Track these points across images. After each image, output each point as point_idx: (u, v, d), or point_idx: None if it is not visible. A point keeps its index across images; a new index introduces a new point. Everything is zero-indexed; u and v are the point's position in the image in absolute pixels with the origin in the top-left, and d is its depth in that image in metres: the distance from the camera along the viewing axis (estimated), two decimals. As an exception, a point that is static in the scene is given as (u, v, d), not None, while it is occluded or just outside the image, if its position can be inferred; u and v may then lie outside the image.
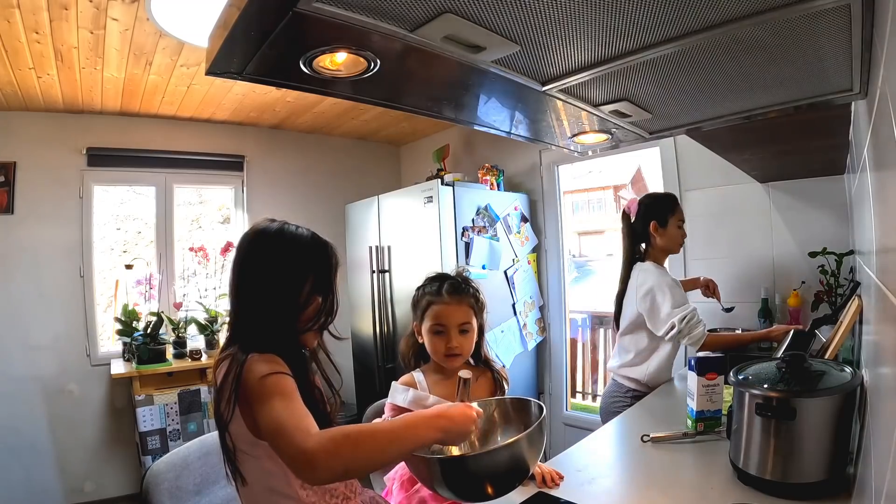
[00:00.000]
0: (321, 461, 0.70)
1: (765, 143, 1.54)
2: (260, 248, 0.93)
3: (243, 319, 0.93)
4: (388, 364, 3.08)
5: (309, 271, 0.93)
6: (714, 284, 2.10)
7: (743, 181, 2.20)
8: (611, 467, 1.08)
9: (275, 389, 0.79)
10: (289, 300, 0.91)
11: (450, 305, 1.21)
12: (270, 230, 0.95)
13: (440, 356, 1.21)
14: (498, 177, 3.17)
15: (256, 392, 0.80)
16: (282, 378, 0.82)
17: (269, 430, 0.76)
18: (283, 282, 0.91)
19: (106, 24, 1.98)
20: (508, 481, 0.83)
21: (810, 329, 1.35)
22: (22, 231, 2.84)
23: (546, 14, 0.67)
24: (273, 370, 0.82)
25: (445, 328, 1.20)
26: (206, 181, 3.48)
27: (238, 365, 0.84)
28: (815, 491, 0.91)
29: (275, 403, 0.77)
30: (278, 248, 0.93)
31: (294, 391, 0.81)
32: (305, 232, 0.97)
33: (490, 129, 1.22)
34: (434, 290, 1.24)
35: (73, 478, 2.91)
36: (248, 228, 0.97)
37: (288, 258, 0.92)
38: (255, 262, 0.93)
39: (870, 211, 0.91)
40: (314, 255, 0.95)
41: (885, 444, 0.60)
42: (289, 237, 0.95)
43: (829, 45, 0.76)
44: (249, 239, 0.95)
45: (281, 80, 0.86)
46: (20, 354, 2.81)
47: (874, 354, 0.84)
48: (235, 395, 0.83)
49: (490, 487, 0.81)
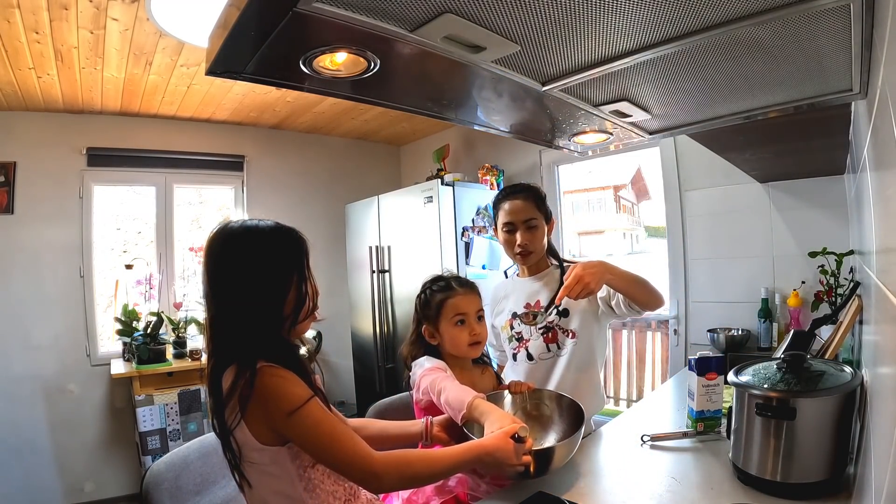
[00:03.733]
0: (385, 480, 0.87)
1: (765, 143, 1.54)
2: (231, 250, 0.91)
3: (228, 326, 0.90)
4: (388, 364, 3.08)
5: (284, 262, 0.92)
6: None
7: (743, 181, 2.20)
8: (610, 467, 1.08)
9: (312, 425, 0.85)
10: (275, 296, 0.91)
11: (466, 296, 1.26)
12: (235, 230, 0.93)
13: (464, 347, 1.24)
14: (498, 177, 3.17)
15: (295, 431, 0.85)
16: (311, 407, 0.85)
17: (329, 464, 0.88)
18: (267, 280, 0.90)
19: (106, 24, 1.98)
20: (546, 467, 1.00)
21: (810, 329, 1.35)
22: (22, 231, 2.84)
23: (546, 14, 0.67)
24: (298, 400, 0.84)
25: (466, 316, 1.24)
26: (206, 181, 3.48)
27: (246, 376, 0.84)
28: (815, 491, 0.91)
29: (323, 440, 0.85)
30: (249, 246, 0.91)
31: (324, 412, 0.87)
32: (269, 223, 0.95)
33: (490, 129, 1.22)
34: (444, 286, 1.28)
35: (73, 478, 2.91)
36: (212, 232, 0.94)
37: (261, 254, 0.91)
38: (228, 265, 0.91)
39: (870, 211, 0.91)
40: (284, 244, 0.94)
41: (884, 444, 0.60)
42: (255, 233, 0.93)
43: (829, 45, 0.76)
44: (217, 243, 0.92)
45: (281, 80, 0.86)
46: (20, 354, 2.81)
47: (874, 354, 0.84)
48: (243, 406, 0.84)
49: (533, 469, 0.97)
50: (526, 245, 1.45)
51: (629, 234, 11.08)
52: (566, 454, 1.04)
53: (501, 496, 1.05)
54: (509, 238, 1.48)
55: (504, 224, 1.48)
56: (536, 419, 1.21)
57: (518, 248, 1.46)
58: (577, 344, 1.44)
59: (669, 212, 2.55)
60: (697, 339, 2.41)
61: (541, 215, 1.47)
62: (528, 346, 1.48)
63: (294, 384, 0.86)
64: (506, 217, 1.47)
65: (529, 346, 1.48)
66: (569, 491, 1.02)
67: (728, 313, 2.33)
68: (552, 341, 1.45)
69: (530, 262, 1.51)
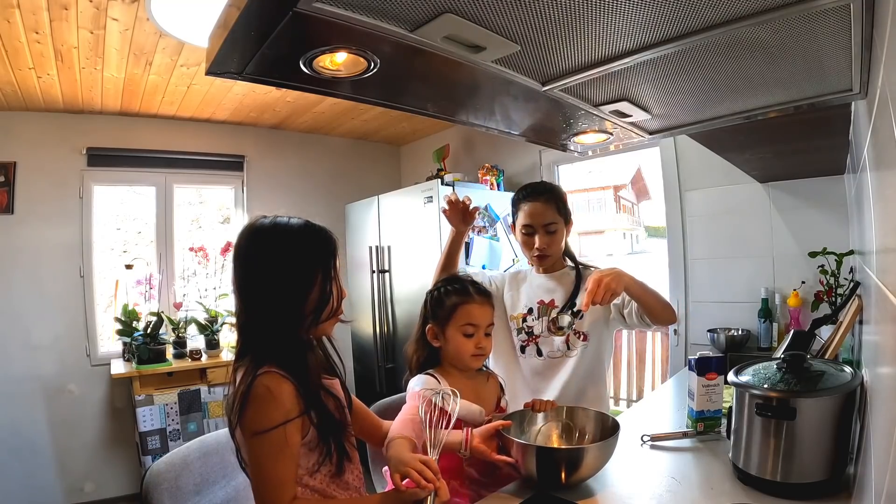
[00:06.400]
0: None
1: (765, 143, 1.54)
2: (260, 246, 0.92)
3: (252, 319, 0.92)
4: (388, 364, 3.09)
5: (312, 262, 0.93)
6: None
7: (743, 181, 2.20)
8: (610, 467, 1.08)
9: (259, 454, 0.85)
10: (297, 294, 0.91)
11: (482, 306, 1.22)
12: (265, 226, 0.93)
13: (467, 357, 1.20)
14: (498, 177, 3.17)
15: (248, 449, 0.86)
16: (271, 438, 0.84)
17: (253, 476, 0.87)
18: (290, 277, 0.91)
19: (106, 24, 1.98)
20: (576, 473, 1.02)
21: (810, 329, 1.35)
22: (22, 231, 2.84)
23: (546, 14, 0.67)
24: (268, 424, 0.84)
25: (477, 328, 1.20)
26: (206, 181, 3.48)
27: (250, 378, 0.85)
28: (815, 491, 0.91)
29: (256, 472, 0.86)
30: (278, 243, 0.92)
31: (279, 450, 0.85)
32: (299, 221, 0.96)
33: (490, 129, 1.22)
34: (460, 289, 1.23)
35: (73, 478, 2.91)
36: (243, 227, 0.95)
37: (289, 252, 0.91)
38: (257, 260, 0.92)
39: (870, 211, 0.91)
40: (313, 244, 0.95)
41: (884, 444, 0.60)
42: (285, 230, 0.93)
43: (829, 45, 0.76)
44: (247, 238, 0.94)
45: (281, 80, 0.86)
46: (20, 354, 2.81)
47: (874, 354, 0.84)
48: (241, 405, 0.85)
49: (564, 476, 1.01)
50: (544, 249, 1.46)
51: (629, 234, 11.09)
52: (595, 459, 1.03)
53: (502, 496, 1.05)
54: (528, 240, 1.48)
55: (524, 226, 1.48)
56: (570, 432, 1.19)
57: (536, 252, 1.47)
58: (588, 346, 1.44)
59: (669, 212, 2.55)
60: (697, 339, 2.41)
61: (561, 219, 1.47)
62: (539, 342, 1.48)
63: (277, 404, 0.85)
64: (525, 219, 1.47)
65: (540, 342, 1.48)
66: (569, 491, 1.02)
67: (728, 313, 2.33)
68: (564, 341, 1.45)
69: (547, 264, 1.51)
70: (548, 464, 1.02)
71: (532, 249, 1.48)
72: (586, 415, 1.20)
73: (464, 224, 1.53)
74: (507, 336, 1.54)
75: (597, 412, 1.20)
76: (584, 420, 1.20)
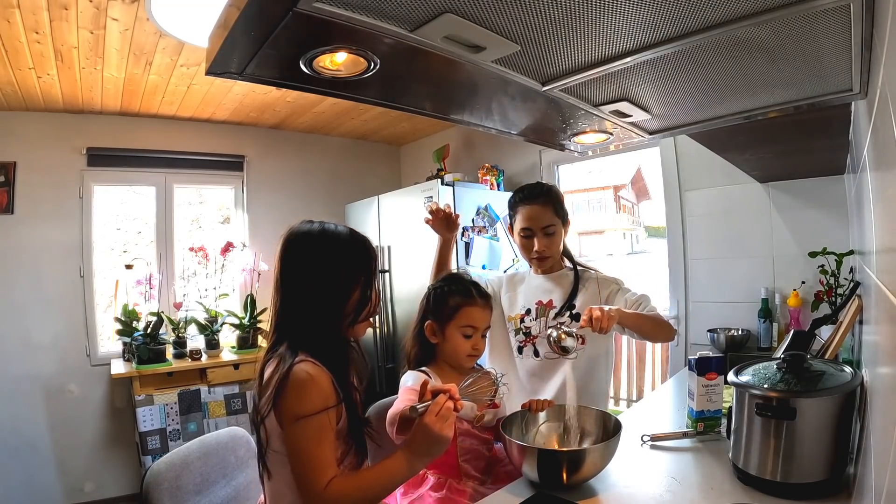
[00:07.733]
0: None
1: (765, 143, 1.54)
2: (311, 249, 0.97)
3: (290, 319, 0.96)
4: (388, 364, 3.09)
5: (355, 270, 0.98)
6: None
7: (743, 181, 2.20)
8: (610, 467, 1.08)
9: (303, 438, 0.87)
10: (338, 300, 0.96)
11: (483, 310, 1.26)
12: (314, 232, 0.99)
13: (462, 356, 1.24)
14: (498, 177, 3.17)
15: (289, 434, 0.88)
16: (314, 422, 0.87)
17: (295, 460, 0.89)
18: (333, 283, 0.96)
19: (106, 24, 1.98)
20: (577, 474, 1.02)
21: (810, 329, 1.35)
22: (22, 231, 2.84)
23: (546, 14, 0.67)
24: (310, 409, 0.87)
25: (476, 331, 1.24)
26: (206, 181, 3.48)
27: (287, 365, 0.88)
28: (815, 491, 0.91)
29: (299, 457, 0.88)
30: (329, 248, 0.97)
31: (322, 434, 0.88)
32: (344, 230, 1.02)
33: (490, 128, 1.22)
34: (463, 290, 1.26)
35: (73, 478, 2.90)
36: (289, 230, 1.00)
37: (335, 260, 0.97)
38: (303, 258, 0.97)
39: (870, 211, 0.91)
40: (357, 253, 1.00)
41: (884, 444, 0.60)
42: (332, 234, 0.99)
43: (829, 45, 0.76)
44: (296, 238, 0.99)
45: (281, 80, 0.86)
46: (20, 354, 2.81)
47: (874, 354, 0.84)
48: (277, 392, 0.87)
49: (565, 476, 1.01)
50: (544, 251, 1.47)
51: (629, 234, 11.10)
52: (597, 460, 1.04)
53: (502, 496, 1.05)
54: (526, 243, 1.49)
55: (522, 229, 1.49)
56: (571, 431, 1.20)
57: (536, 254, 1.48)
58: (585, 349, 1.45)
59: (669, 212, 2.55)
60: (697, 339, 2.41)
61: (559, 220, 1.48)
62: (536, 342, 1.48)
63: (318, 390, 0.88)
64: (524, 222, 1.48)
65: (537, 342, 1.48)
66: (569, 491, 1.03)
67: (728, 313, 2.33)
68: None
69: (546, 265, 1.52)
70: (549, 465, 1.03)
71: (531, 252, 1.48)
72: (588, 413, 1.20)
73: (448, 231, 1.55)
74: (504, 337, 1.55)
75: (598, 411, 1.20)
76: (586, 419, 1.20)
